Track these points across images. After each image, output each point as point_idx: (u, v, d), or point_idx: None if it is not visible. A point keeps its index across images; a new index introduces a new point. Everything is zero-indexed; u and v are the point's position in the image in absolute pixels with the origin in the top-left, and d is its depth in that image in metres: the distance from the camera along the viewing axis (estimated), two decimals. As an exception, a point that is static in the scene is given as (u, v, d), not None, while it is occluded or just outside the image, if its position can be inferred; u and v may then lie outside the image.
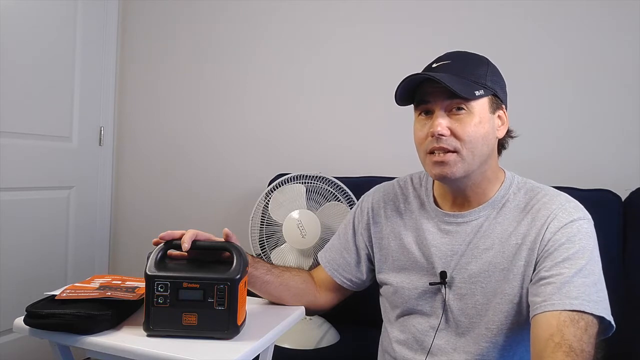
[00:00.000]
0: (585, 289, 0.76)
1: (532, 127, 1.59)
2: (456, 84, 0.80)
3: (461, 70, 0.83)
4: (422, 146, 0.87)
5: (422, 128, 0.86)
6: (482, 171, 0.88)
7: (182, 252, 0.81)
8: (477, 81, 0.84)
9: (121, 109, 2.23)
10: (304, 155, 1.90)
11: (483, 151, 0.85)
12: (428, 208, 0.95)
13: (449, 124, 0.83)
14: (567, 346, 0.71)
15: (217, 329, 0.75)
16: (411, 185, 1.01)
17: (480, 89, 0.83)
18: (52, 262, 1.95)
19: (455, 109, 0.83)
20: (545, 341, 0.73)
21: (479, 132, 0.83)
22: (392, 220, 0.99)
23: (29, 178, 1.85)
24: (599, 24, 1.55)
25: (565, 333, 0.72)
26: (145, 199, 2.19)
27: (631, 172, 1.49)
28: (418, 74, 0.85)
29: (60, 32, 1.93)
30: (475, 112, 0.83)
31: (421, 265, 0.93)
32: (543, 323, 0.75)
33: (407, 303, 0.94)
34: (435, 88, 0.83)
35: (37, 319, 0.75)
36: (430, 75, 0.82)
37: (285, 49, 1.94)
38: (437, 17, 1.73)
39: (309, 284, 1.03)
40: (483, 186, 0.89)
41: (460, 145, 0.83)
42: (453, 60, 0.86)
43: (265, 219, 1.46)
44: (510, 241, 0.85)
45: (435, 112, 0.84)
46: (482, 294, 0.86)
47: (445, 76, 0.81)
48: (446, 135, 0.82)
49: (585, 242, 0.80)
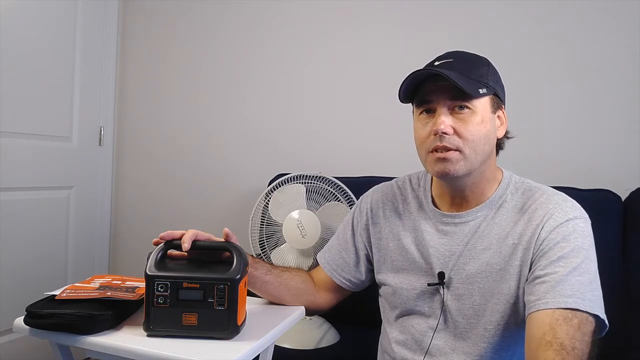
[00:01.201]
0: (580, 287, 0.75)
1: (532, 127, 1.59)
2: (462, 81, 0.80)
3: (464, 69, 0.83)
4: (424, 145, 0.86)
5: (424, 127, 0.86)
6: (481, 171, 0.88)
7: (182, 252, 0.81)
8: (480, 80, 0.84)
9: (121, 109, 2.23)
10: (304, 155, 1.90)
11: (484, 150, 0.85)
12: (426, 208, 0.95)
13: (452, 123, 0.83)
14: (558, 344, 0.70)
15: (217, 329, 0.75)
16: (409, 185, 1.01)
17: (483, 88, 0.83)
18: (52, 262, 1.95)
19: (458, 108, 0.83)
20: (538, 340, 0.73)
21: (481, 131, 0.83)
22: (391, 221, 0.99)
23: (29, 178, 1.85)
24: (599, 24, 1.55)
25: (558, 331, 0.72)
26: (145, 198, 2.19)
27: (631, 172, 1.49)
28: (425, 69, 0.84)
29: (60, 32, 1.93)
30: (478, 111, 0.83)
31: (419, 265, 0.93)
32: (537, 321, 0.75)
33: (405, 304, 0.94)
34: (438, 86, 0.83)
35: (37, 319, 0.75)
36: (438, 71, 0.81)
37: (286, 50, 1.94)
38: (436, 18, 1.73)
39: (309, 284, 1.03)
40: (481, 186, 0.89)
41: (463, 143, 0.82)
42: (455, 59, 0.86)
43: (265, 219, 1.46)
44: (507, 241, 0.85)
45: (437, 110, 0.84)
46: (479, 294, 0.86)
47: (452, 74, 0.80)
48: (449, 133, 0.82)
49: (581, 241, 0.80)
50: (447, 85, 0.81)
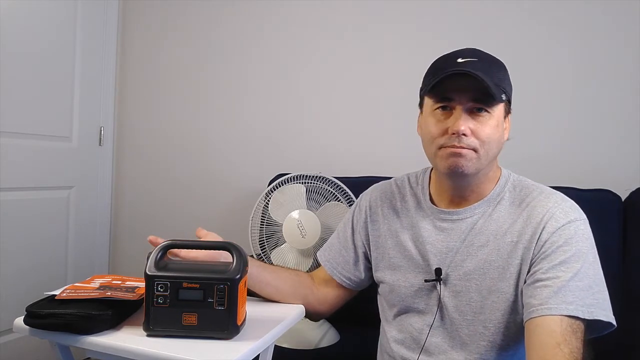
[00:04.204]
0: (579, 293, 0.76)
1: (532, 126, 1.59)
2: (491, 85, 0.79)
3: (488, 71, 0.82)
4: (436, 141, 0.85)
5: (438, 124, 0.85)
6: (485, 172, 0.89)
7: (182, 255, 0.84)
8: (500, 84, 0.83)
9: (121, 109, 2.23)
10: (304, 155, 1.90)
11: (495, 153, 0.87)
12: (424, 206, 0.96)
13: (471, 124, 0.83)
14: (574, 358, 0.72)
15: (217, 329, 0.75)
16: (408, 184, 1.01)
17: (503, 93, 0.83)
18: (52, 262, 1.95)
19: (476, 110, 0.83)
20: (553, 349, 0.73)
21: (496, 134, 0.84)
22: (389, 219, 0.99)
23: (29, 178, 1.85)
24: (600, 25, 1.55)
25: (573, 345, 0.73)
26: (145, 198, 2.19)
27: (631, 172, 1.49)
28: (460, 69, 0.81)
29: (60, 32, 1.93)
30: (494, 115, 0.84)
31: (417, 262, 0.93)
32: (544, 328, 0.75)
33: (403, 301, 0.94)
34: (461, 85, 0.82)
35: (37, 319, 0.75)
36: (474, 74, 0.79)
37: (285, 50, 1.94)
38: (437, 18, 1.73)
39: (303, 276, 1.05)
40: (482, 185, 0.90)
41: (479, 145, 0.83)
42: (478, 59, 0.84)
43: (265, 219, 1.46)
44: (505, 239, 0.86)
45: (456, 109, 0.83)
46: (476, 291, 0.86)
47: (483, 77, 0.79)
48: (468, 135, 0.82)
49: (582, 245, 0.81)
50: (470, 86, 0.80)
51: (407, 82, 1.76)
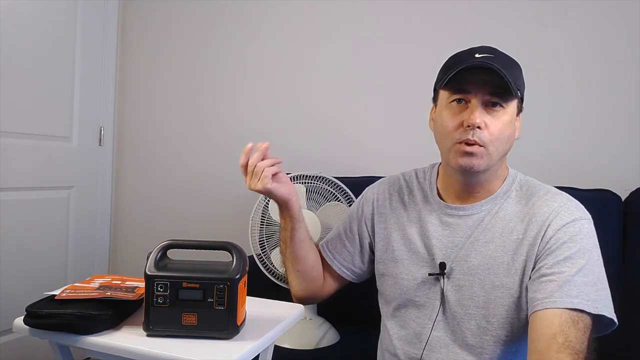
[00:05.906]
0: (585, 288, 0.77)
1: (532, 127, 1.57)
2: (510, 79, 0.80)
3: (505, 67, 0.82)
4: (451, 135, 0.86)
5: (454, 117, 0.86)
6: (495, 169, 0.89)
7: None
8: (515, 82, 0.83)
9: (121, 109, 2.23)
10: (304, 155, 1.90)
11: (505, 149, 0.87)
12: (431, 200, 0.96)
13: (486, 118, 0.83)
14: (571, 348, 0.72)
15: (217, 329, 0.75)
16: (415, 178, 1.02)
17: (518, 90, 0.84)
18: (51, 262, 1.95)
19: (491, 104, 0.84)
20: (548, 340, 0.74)
21: (507, 131, 0.85)
22: (397, 212, 1.00)
23: (29, 178, 1.85)
24: (601, 25, 1.55)
25: (569, 334, 0.73)
26: (145, 198, 2.19)
27: (631, 172, 1.49)
28: (481, 61, 0.82)
29: (60, 32, 1.93)
30: (508, 111, 0.85)
31: (422, 256, 0.94)
32: (544, 320, 0.76)
33: (405, 294, 0.95)
34: (479, 79, 0.82)
35: (37, 319, 0.75)
36: (495, 66, 0.80)
37: (284, 49, 1.94)
38: (438, 15, 1.72)
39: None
40: (491, 182, 0.91)
41: (490, 140, 0.83)
42: (495, 56, 0.85)
43: (265, 219, 1.46)
44: (511, 236, 0.87)
45: (472, 102, 0.84)
46: (479, 286, 0.87)
47: (500, 69, 0.80)
48: (482, 128, 0.83)
49: (586, 242, 0.82)
50: (487, 80, 0.81)
51: (407, 82, 1.76)
